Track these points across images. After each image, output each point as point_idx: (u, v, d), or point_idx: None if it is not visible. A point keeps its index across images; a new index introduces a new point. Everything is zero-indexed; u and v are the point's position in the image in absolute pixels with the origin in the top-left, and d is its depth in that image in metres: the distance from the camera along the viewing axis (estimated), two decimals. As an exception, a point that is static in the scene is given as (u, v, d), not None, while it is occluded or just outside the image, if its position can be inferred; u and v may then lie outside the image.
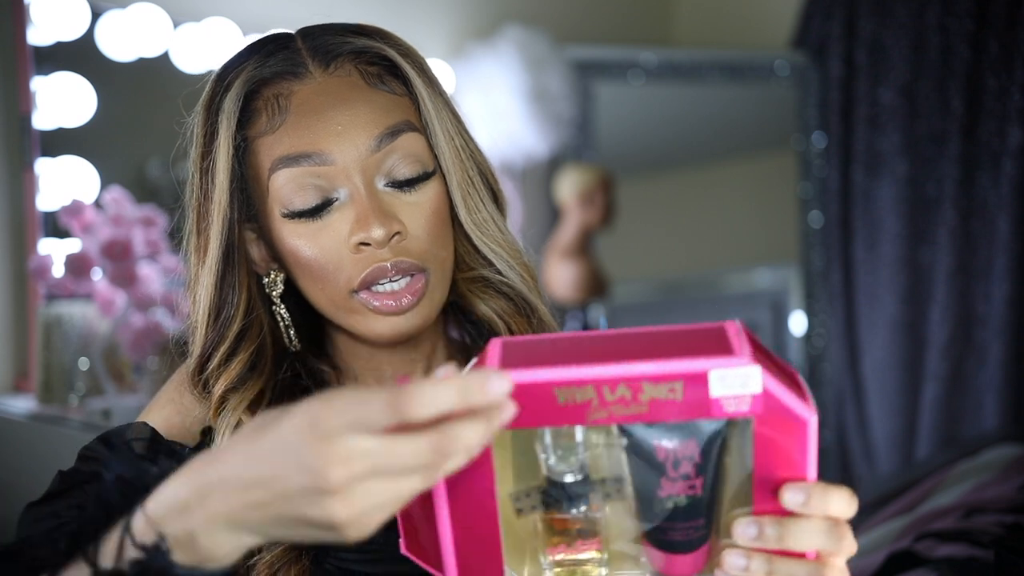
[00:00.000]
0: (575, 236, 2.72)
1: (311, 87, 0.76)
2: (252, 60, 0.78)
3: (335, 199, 0.76)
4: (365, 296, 0.77)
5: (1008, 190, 2.47)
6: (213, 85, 0.79)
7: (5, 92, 1.87)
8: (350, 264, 0.76)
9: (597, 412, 0.54)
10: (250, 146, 0.77)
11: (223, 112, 0.76)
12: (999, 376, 2.50)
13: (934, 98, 2.64)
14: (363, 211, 0.75)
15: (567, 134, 2.67)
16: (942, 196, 2.62)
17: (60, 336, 1.77)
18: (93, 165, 1.93)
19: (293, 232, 0.77)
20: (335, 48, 0.78)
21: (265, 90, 0.77)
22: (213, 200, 0.77)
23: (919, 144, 2.68)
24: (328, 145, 0.75)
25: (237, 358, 0.79)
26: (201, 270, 0.79)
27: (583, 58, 2.79)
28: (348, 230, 0.76)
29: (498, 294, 0.85)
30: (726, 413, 0.54)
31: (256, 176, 0.78)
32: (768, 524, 0.56)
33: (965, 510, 1.67)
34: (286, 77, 0.77)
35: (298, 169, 0.75)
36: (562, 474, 0.60)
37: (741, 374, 0.53)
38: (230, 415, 0.78)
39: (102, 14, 1.95)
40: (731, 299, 3.12)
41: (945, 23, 2.59)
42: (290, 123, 0.76)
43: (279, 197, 0.76)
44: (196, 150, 0.79)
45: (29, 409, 1.75)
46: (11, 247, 1.88)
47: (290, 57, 0.78)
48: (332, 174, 0.75)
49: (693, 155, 3.14)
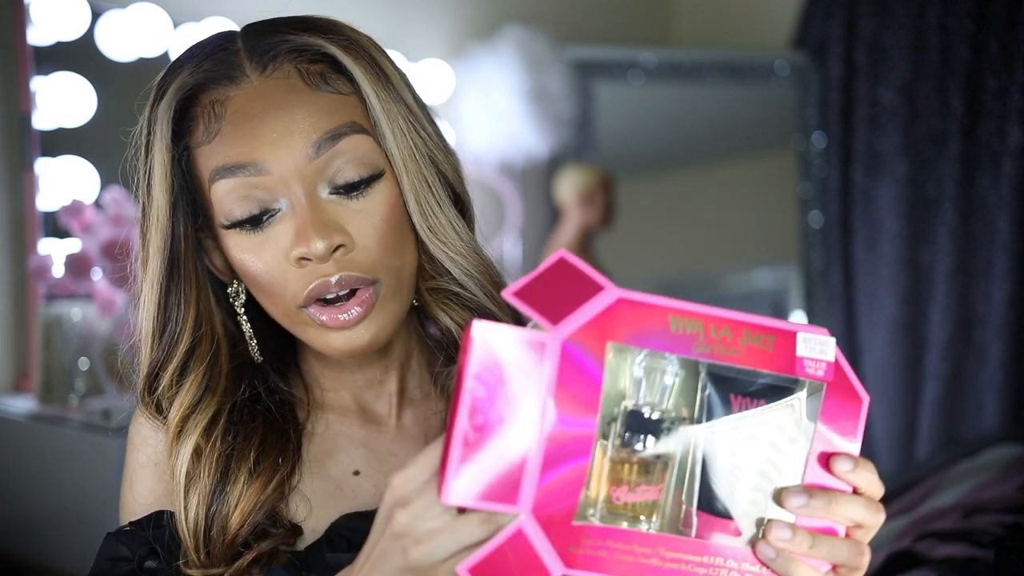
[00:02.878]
0: (575, 236, 2.72)
1: (247, 92, 0.72)
2: (189, 64, 0.74)
3: (276, 210, 0.72)
4: (313, 310, 0.73)
5: (1008, 190, 2.47)
6: (154, 92, 0.76)
7: (5, 92, 1.87)
8: (294, 278, 0.72)
9: (701, 346, 0.59)
10: (191, 155, 0.74)
11: (157, 121, 0.73)
12: (999, 376, 2.50)
13: (934, 98, 2.64)
14: (303, 223, 0.71)
15: (567, 134, 2.67)
16: (942, 196, 2.62)
17: (60, 336, 1.77)
18: (93, 165, 1.93)
19: (237, 245, 0.73)
20: (272, 48, 0.74)
21: (203, 96, 0.73)
22: (151, 214, 0.75)
23: (919, 144, 2.68)
24: (263, 154, 0.71)
25: (189, 377, 0.77)
26: (146, 286, 0.77)
27: (583, 58, 2.79)
28: (289, 243, 0.72)
29: (460, 305, 0.80)
30: (807, 373, 0.61)
31: (200, 187, 0.75)
32: (817, 494, 0.60)
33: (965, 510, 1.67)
34: (222, 83, 0.73)
35: (235, 180, 0.71)
36: (647, 407, 0.60)
37: (821, 341, 0.62)
38: (188, 441, 0.75)
39: (102, 14, 1.95)
40: (731, 299, 3.12)
41: (945, 23, 2.59)
42: (225, 131, 0.72)
43: (220, 208, 0.73)
44: (139, 160, 0.76)
45: (29, 409, 1.75)
46: (11, 247, 1.88)
47: (227, 60, 0.74)
48: (270, 184, 0.71)
49: (693, 155, 3.14)
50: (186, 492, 0.75)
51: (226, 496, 0.75)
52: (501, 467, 0.55)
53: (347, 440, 0.82)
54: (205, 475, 0.75)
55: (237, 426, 0.77)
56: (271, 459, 0.77)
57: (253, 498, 0.75)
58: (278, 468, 0.77)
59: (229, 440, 0.76)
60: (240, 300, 0.79)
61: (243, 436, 0.77)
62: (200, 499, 0.75)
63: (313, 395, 0.84)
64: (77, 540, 1.54)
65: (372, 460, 0.82)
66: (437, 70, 2.53)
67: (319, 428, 0.83)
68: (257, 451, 0.77)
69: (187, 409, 0.76)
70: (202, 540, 0.74)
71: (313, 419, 0.83)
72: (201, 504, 0.75)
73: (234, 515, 0.74)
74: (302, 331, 0.75)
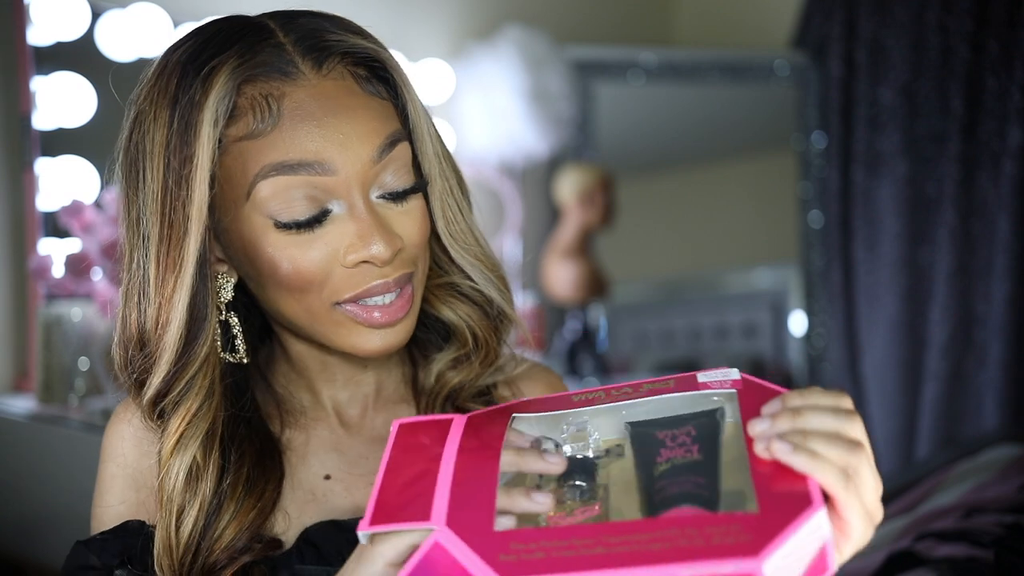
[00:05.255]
0: (575, 236, 2.72)
1: (305, 89, 0.70)
2: (232, 51, 0.70)
3: (330, 211, 0.71)
4: (352, 309, 0.73)
5: (1008, 190, 2.47)
6: (178, 73, 0.71)
7: (5, 92, 1.87)
8: (341, 277, 0.72)
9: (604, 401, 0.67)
10: (226, 147, 0.71)
11: (206, 109, 0.69)
12: (999, 376, 2.50)
13: (934, 98, 2.64)
14: (365, 228, 0.71)
15: (567, 134, 2.67)
16: (942, 196, 2.62)
17: (60, 336, 1.77)
18: (93, 165, 1.93)
19: (278, 242, 0.71)
20: (326, 47, 0.72)
21: (248, 88, 0.70)
22: (192, 208, 0.70)
23: (919, 144, 2.68)
24: (331, 155, 0.70)
25: (196, 384, 0.74)
26: (172, 287, 0.71)
27: (583, 58, 2.79)
28: (345, 244, 0.71)
29: (465, 300, 0.82)
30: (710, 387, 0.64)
31: (229, 178, 0.71)
32: (781, 412, 0.58)
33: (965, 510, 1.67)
34: (273, 76, 0.70)
35: (294, 178, 0.69)
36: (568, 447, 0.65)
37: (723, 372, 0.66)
38: (186, 453, 0.73)
39: (102, 14, 1.95)
40: (731, 299, 3.12)
41: (945, 23, 2.59)
42: (284, 128, 0.69)
43: (266, 205, 0.70)
44: (156, 148, 0.71)
45: (29, 409, 1.75)
46: (11, 247, 1.88)
47: (275, 52, 0.71)
48: (331, 185, 0.70)
49: (693, 155, 3.14)
50: (179, 506, 0.73)
51: (220, 513, 0.74)
52: (413, 491, 0.60)
53: (318, 444, 0.82)
54: (203, 489, 0.74)
55: (231, 440, 0.76)
56: (262, 478, 0.76)
57: (244, 517, 0.74)
58: (267, 487, 0.76)
59: (225, 455, 0.75)
60: (227, 296, 0.77)
61: (237, 451, 0.76)
62: (197, 513, 0.73)
63: (285, 401, 0.83)
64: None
65: (343, 463, 0.81)
66: (437, 70, 2.53)
67: (293, 435, 0.82)
68: (249, 467, 0.76)
69: (190, 418, 0.74)
70: (188, 555, 0.73)
71: (287, 426, 0.82)
72: (198, 519, 0.73)
73: (226, 532, 0.73)
74: (327, 329, 0.74)
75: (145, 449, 0.79)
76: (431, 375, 0.84)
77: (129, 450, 0.79)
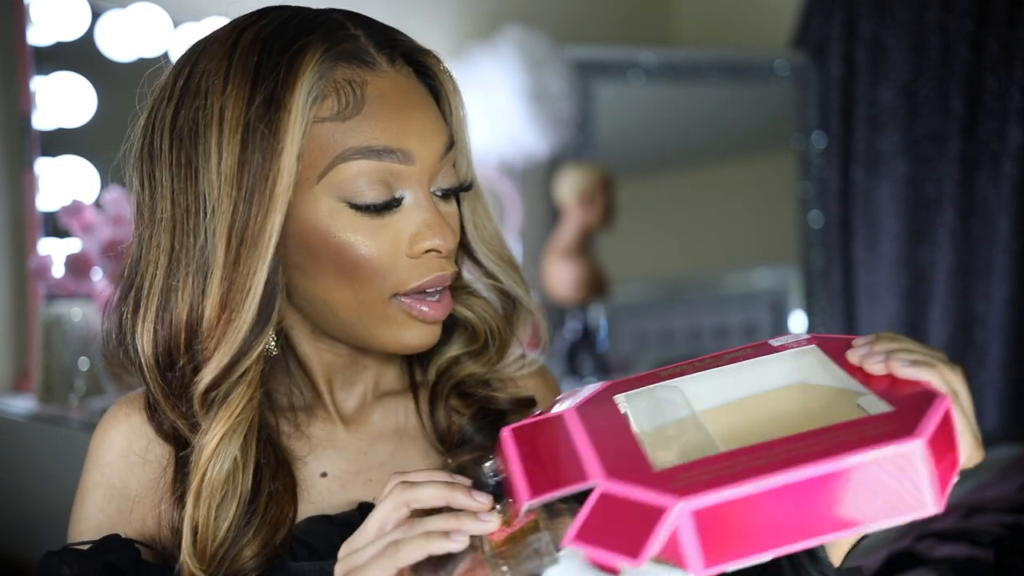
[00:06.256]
0: (575, 236, 2.72)
1: (385, 80, 0.72)
2: (316, 36, 0.71)
3: (403, 198, 0.72)
4: (408, 301, 0.74)
5: (1008, 190, 2.47)
6: (258, 51, 0.70)
7: (5, 92, 1.87)
8: (405, 267, 0.73)
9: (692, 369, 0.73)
10: (306, 127, 0.70)
11: (298, 89, 0.68)
12: (999, 376, 2.50)
13: (934, 98, 2.64)
14: (434, 218, 0.73)
15: (567, 134, 2.67)
16: (942, 196, 2.62)
17: (60, 336, 1.77)
18: (93, 165, 1.93)
19: (350, 225, 0.71)
20: (396, 44, 0.75)
21: (333, 72, 0.70)
22: (280, 185, 0.68)
23: (919, 144, 2.68)
24: (412, 145, 0.71)
25: (250, 374, 0.72)
26: (250, 265, 0.69)
27: (583, 58, 2.79)
28: (411, 233, 0.72)
29: (480, 297, 0.85)
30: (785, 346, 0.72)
31: (301, 157, 0.70)
32: (878, 340, 0.64)
33: (965, 510, 1.67)
34: (354, 63, 0.71)
35: (377, 163, 0.70)
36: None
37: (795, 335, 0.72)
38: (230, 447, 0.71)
39: (102, 14, 1.95)
40: (731, 299, 3.12)
41: (945, 23, 2.59)
42: (368, 114, 0.70)
43: (345, 187, 0.70)
44: (230, 123, 0.69)
45: (29, 409, 1.75)
46: (11, 247, 1.88)
47: (355, 43, 0.72)
48: (407, 175, 0.72)
49: (693, 155, 3.14)
50: (221, 495, 0.71)
51: (251, 520, 0.73)
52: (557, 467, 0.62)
53: (316, 442, 0.81)
54: (241, 483, 0.72)
55: (262, 441, 0.75)
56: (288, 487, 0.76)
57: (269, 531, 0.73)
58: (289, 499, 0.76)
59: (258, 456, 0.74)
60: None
61: (266, 453, 0.75)
62: (236, 507, 0.72)
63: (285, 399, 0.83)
64: (77, 540, 1.54)
65: (340, 461, 0.81)
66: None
67: (291, 432, 0.81)
68: (273, 471, 0.75)
69: (239, 409, 0.71)
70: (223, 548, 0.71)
71: (286, 425, 0.81)
72: (238, 511, 0.72)
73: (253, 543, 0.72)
74: (372, 323, 0.74)
75: (132, 460, 0.78)
76: (434, 367, 0.85)
77: (115, 460, 0.78)
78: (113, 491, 0.77)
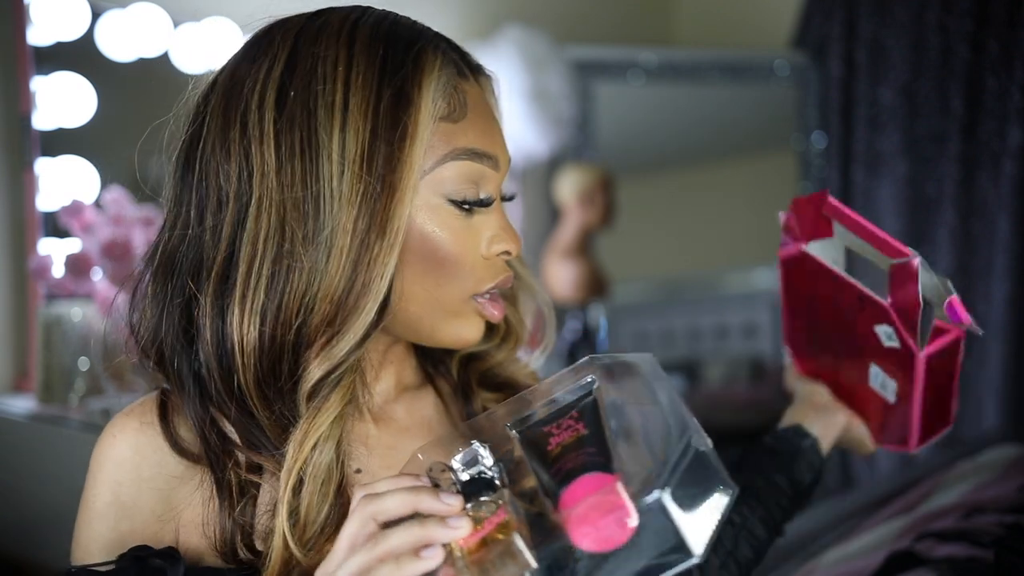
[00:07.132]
0: (575, 236, 2.72)
1: (476, 91, 0.78)
2: (427, 40, 0.76)
3: (491, 200, 0.78)
4: (483, 301, 0.78)
5: (1008, 190, 2.47)
6: (383, 45, 0.73)
7: (5, 92, 1.87)
8: (483, 267, 0.77)
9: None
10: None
11: (426, 85, 0.72)
12: (999, 376, 2.50)
13: (934, 98, 2.64)
14: (506, 222, 0.79)
15: (567, 134, 2.67)
16: (942, 196, 2.62)
17: (60, 336, 1.77)
18: (93, 165, 1.93)
19: (445, 222, 0.74)
20: (470, 60, 0.80)
21: (448, 76, 0.75)
22: (412, 175, 0.71)
23: (919, 144, 2.68)
24: (500, 152, 0.78)
25: (354, 363, 0.73)
26: (379, 251, 0.70)
27: (583, 58, 2.79)
28: (488, 236, 0.77)
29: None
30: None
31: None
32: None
33: (965, 510, 1.67)
34: (459, 72, 0.77)
35: (476, 165, 0.75)
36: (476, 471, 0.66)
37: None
38: (332, 437, 0.72)
39: (102, 14, 1.95)
40: (731, 299, 3.12)
41: (945, 23, 2.60)
42: (471, 119, 0.76)
43: (448, 184, 0.74)
44: (356, 110, 0.70)
45: (29, 409, 1.75)
46: (11, 247, 1.88)
47: (454, 54, 0.78)
48: (491, 179, 0.77)
49: (693, 155, 3.14)
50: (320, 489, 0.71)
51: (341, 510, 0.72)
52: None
53: (348, 439, 0.80)
54: (335, 476, 0.73)
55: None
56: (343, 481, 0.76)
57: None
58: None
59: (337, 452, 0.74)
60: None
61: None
62: (334, 498, 0.72)
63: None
64: (77, 540, 1.54)
65: (372, 457, 0.81)
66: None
67: None
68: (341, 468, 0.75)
69: (344, 398, 0.72)
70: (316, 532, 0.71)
71: None
72: (334, 503, 0.72)
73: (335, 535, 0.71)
74: (442, 319, 0.77)
75: (144, 476, 0.75)
76: (455, 358, 0.89)
77: (125, 476, 0.75)
78: (124, 510, 0.75)
